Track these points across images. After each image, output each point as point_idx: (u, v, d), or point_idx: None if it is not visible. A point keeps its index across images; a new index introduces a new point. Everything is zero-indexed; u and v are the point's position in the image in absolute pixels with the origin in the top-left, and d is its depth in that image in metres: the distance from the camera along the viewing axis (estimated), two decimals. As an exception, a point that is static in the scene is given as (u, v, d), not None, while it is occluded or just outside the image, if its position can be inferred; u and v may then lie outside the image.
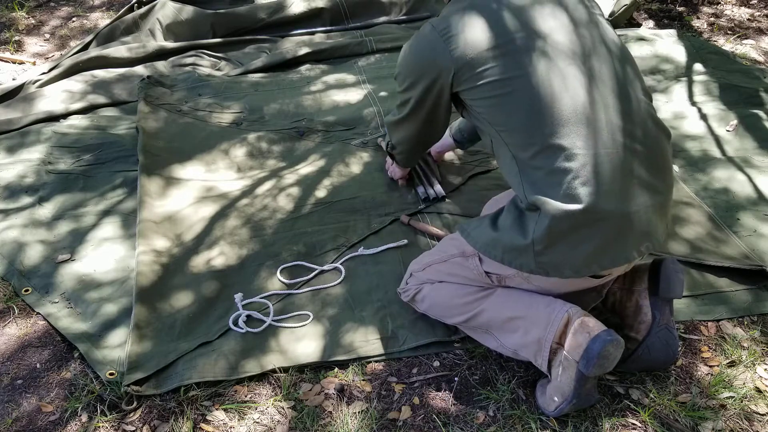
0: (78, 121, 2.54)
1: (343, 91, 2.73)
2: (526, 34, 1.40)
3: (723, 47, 3.12)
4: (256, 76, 2.84)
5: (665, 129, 1.47)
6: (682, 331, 1.69)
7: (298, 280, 1.84)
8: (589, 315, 1.44)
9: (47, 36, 3.37)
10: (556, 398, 1.45)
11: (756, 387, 1.56)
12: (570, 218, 1.33)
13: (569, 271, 1.38)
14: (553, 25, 1.42)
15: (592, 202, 1.32)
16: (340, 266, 1.88)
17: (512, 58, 1.39)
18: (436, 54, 1.48)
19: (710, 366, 1.62)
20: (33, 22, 3.48)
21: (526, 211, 1.39)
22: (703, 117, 2.55)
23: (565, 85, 1.37)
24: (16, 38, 3.29)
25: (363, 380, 1.59)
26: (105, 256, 1.93)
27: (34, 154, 2.36)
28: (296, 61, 2.95)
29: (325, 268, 1.88)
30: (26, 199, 2.16)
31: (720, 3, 3.65)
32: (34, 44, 3.29)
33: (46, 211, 2.10)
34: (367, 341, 1.66)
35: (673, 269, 1.51)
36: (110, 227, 2.04)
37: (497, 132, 1.44)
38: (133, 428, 1.48)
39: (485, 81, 1.42)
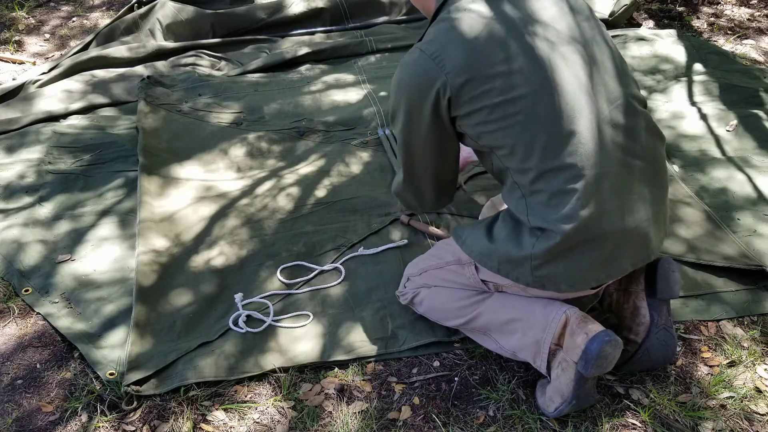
0: (78, 121, 2.54)
1: (343, 91, 2.73)
2: (519, 43, 1.33)
3: (723, 47, 3.12)
4: (255, 76, 2.84)
5: (660, 134, 1.45)
6: (682, 331, 1.69)
7: (298, 280, 1.84)
8: (587, 316, 1.44)
9: (47, 36, 3.37)
10: (555, 399, 1.45)
11: (756, 387, 1.56)
12: (571, 239, 1.31)
13: (565, 286, 1.38)
14: (550, 29, 1.40)
15: (592, 222, 1.31)
16: (340, 266, 1.88)
17: (507, 77, 1.32)
18: (431, 79, 1.35)
19: (710, 366, 1.62)
20: (33, 22, 3.48)
21: (527, 228, 1.37)
22: (703, 117, 2.54)
23: (566, 105, 1.32)
24: (16, 38, 3.29)
25: (363, 380, 1.59)
26: (105, 256, 1.93)
27: (34, 154, 2.36)
28: (296, 61, 2.95)
29: (325, 268, 1.88)
30: (26, 199, 2.16)
31: (720, 3, 3.65)
32: (34, 44, 3.29)
33: (45, 210, 2.10)
34: (367, 341, 1.66)
35: (669, 269, 1.50)
36: (110, 227, 2.04)
37: (498, 158, 1.39)
38: (133, 428, 1.48)
39: (484, 104, 1.33)
